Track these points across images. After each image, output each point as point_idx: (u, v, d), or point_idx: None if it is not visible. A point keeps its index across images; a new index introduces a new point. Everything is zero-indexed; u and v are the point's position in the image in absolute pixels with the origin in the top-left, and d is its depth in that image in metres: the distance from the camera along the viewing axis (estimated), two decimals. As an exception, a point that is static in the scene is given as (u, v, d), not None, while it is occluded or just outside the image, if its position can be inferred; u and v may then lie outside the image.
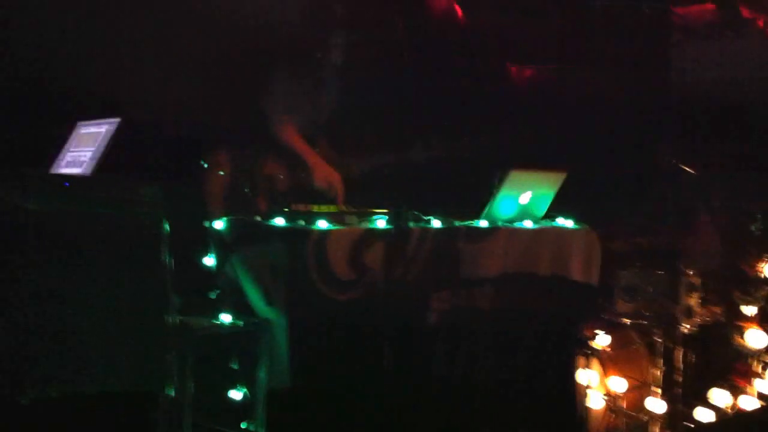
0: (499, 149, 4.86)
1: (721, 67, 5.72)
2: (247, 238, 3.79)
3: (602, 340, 4.75)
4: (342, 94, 4.54)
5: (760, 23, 6.04)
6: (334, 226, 3.77)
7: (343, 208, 4.00)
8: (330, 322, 3.62)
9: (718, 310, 5.05)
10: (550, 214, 4.50)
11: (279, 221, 3.81)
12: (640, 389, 4.83)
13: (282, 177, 4.40)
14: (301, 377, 3.63)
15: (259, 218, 3.87)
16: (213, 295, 3.83)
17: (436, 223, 4.07)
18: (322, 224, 3.74)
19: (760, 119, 5.55)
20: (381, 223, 3.90)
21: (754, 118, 5.54)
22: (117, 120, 3.37)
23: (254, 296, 3.76)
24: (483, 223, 4.20)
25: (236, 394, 3.73)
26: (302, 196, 4.17)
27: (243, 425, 3.70)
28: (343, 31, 4.51)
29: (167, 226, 3.10)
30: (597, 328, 4.70)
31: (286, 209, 3.87)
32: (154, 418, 3.25)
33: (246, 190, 4.25)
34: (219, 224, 3.83)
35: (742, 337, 5.07)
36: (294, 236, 3.68)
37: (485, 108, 5.10)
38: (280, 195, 4.11)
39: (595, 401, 4.68)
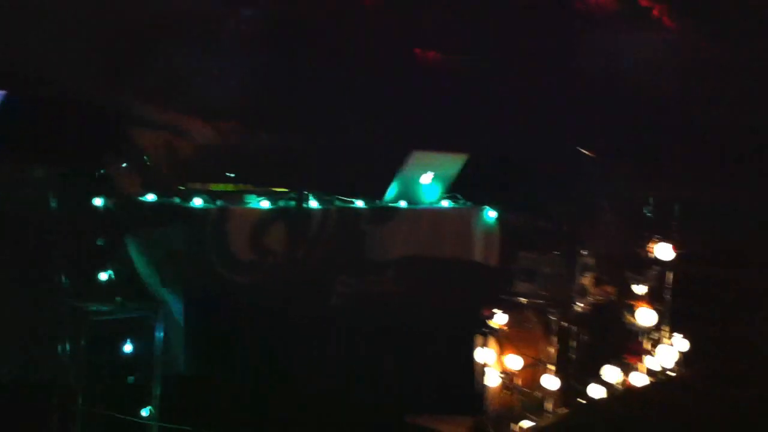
0: (402, 130, 4.83)
1: (619, 55, 5.84)
2: (141, 217, 3.64)
3: (500, 320, 4.81)
4: (239, 70, 4.38)
5: (656, 12, 6.20)
6: (234, 205, 3.66)
7: (243, 186, 3.88)
8: (228, 306, 3.53)
9: (610, 289, 5.19)
10: (452, 196, 4.52)
11: (175, 200, 3.67)
12: (535, 367, 4.92)
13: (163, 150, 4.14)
14: (199, 362, 3.53)
15: (155, 197, 3.72)
16: (106, 278, 3.66)
17: (338, 204, 4.02)
18: (221, 203, 3.63)
19: (654, 106, 5.71)
20: (282, 203, 3.81)
21: (648, 105, 5.69)
22: (1, 93, 3.16)
23: (149, 278, 3.63)
24: (386, 204, 4.17)
25: (131, 379, 3.59)
26: (198, 173, 4.00)
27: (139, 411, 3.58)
28: (241, 6, 4.35)
29: (56, 207, 2.93)
30: (495, 308, 4.75)
31: (182, 187, 3.74)
32: (46, 407, 3.11)
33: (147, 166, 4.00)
34: (111, 204, 3.67)
35: (633, 316, 5.23)
36: (191, 216, 3.55)
37: (388, 89, 5.06)
38: (174, 172, 3.91)
39: (492, 379, 4.75)
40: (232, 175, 4.06)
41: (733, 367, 5.29)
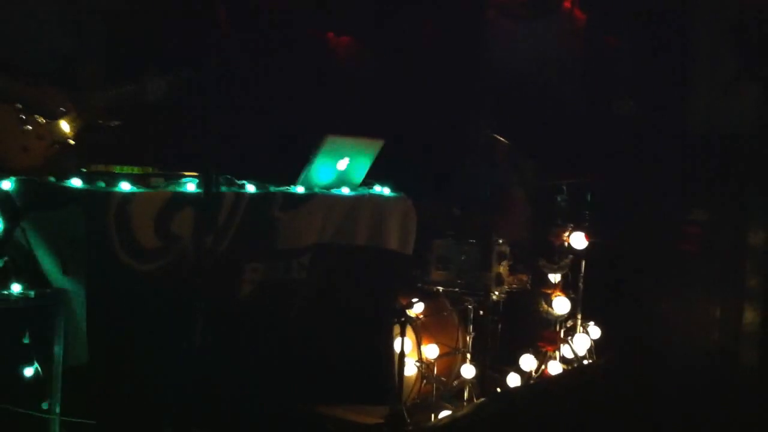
0: (317, 114, 4.75)
1: (531, 45, 5.89)
2: (39, 200, 3.44)
3: (416, 308, 4.78)
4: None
5: (567, 4, 6.28)
6: (138, 188, 3.50)
7: (149, 169, 3.72)
8: (132, 294, 3.38)
9: (525, 278, 5.23)
10: (368, 182, 4.45)
11: (75, 182, 3.48)
12: (452, 356, 4.91)
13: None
14: (101, 353, 3.36)
15: (53, 179, 3.52)
16: (1, 264, 3.46)
17: (250, 189, 3.90)
18: (125, 186, 3.47)
19: (566, 95, 5.78)
20: (190, 186, 3.67)
21: (560, 94, 5.76)
22: None
23: (48, 265, 3.43)
24: (300, 190, 4.07)
25: (29, 372, 3.40)
26: (101, 154, 3.78)
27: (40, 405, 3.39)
28: None
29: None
30: (412, 297, 4.72)
31: (84, 169, 3.56)
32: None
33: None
34: (6, 185, 3.46)
35: (547, 304, 5.28)
36: (93, 199, 3.37)
37: (302, 72, 4.96)
38: (73, 153, 3.68)
39: (409, 368, 4.71)
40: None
41: (644, 354, 5.40)
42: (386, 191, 4.50)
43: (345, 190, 4.27)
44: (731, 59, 5.62)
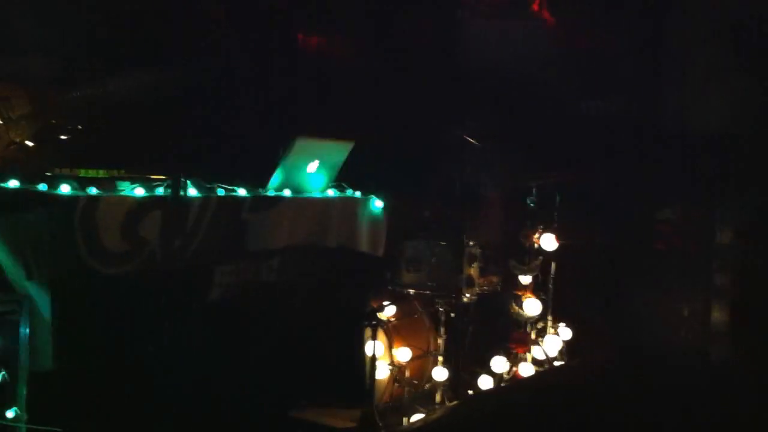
0: (286, 116, 4.72)
1: (502, 45, 5.90)
2: (1, 205, 3.38)
3: (388, 311, 4.76)
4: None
5: (535, 6, 6.31)
6: (105, 192, 3.46)
7: (115, 172, 3.67)
8: (99, 298, 3.33)
9: (496, 279, 5.23)
10: (338, 184, 4.44)
11: (41, 186, 3.43)
12: (424, 358, 4.90)
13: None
14: (67, 358, 3.31)
15: (18, 183, 3.46)
16: (-37, 269, 3.39)
17: (219, 192, 3.86)
18: (91, 190, 3.42)
19: (536, 96, 5.79)
20: (158, 190, 3.62)
21: (530, 94, 5.77)
22: None
23: (12, 270, 3.37)
24: (269, 192, 4.05)
25: (-6, 379, 3.35)
26: (66, 158, 3.72)
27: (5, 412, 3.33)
28: None
29: None
30: (383, 299, 4.70)
31: (49, 173, 3.50)
32: None
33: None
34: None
35: (518, 306, 5.28)
36: (58, 203, 3.32)
37: (272, 73, 4.93)
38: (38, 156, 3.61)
39: (381, 371, 4.69)
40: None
41: (615, 354, 5.42)
42: (357, 193, 4.49)
43: (315, 193, 4.25)
44: (706, 60, 5.68)
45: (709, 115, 5.65)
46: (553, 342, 5.38)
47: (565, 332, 5.46)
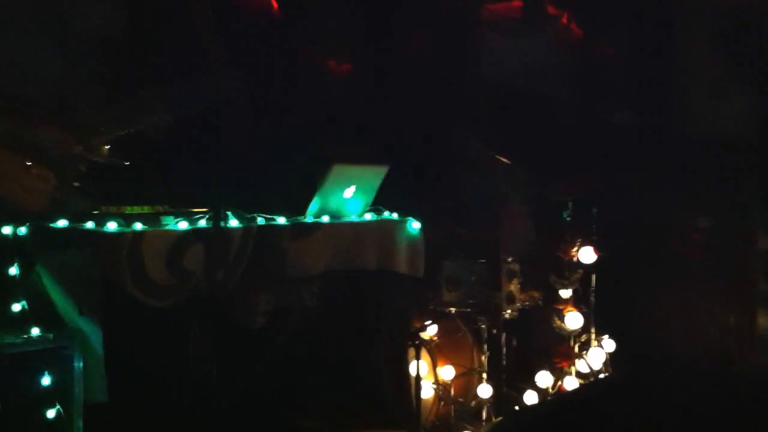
0: (322, 144, 4.80)
1: (525, 61, 5.93)
2: (52, 244, 3.51)
3: (430, 330, 4.80)
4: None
5: (564, 20, 6.33)
6: (150, 227, 3.56)
7: (159, 207, 3.78)
8: (148, 331, 3.42)
9: (537, 294, 5.24)
10: (375, 208, 4.50)
11: (88, 224, 3.55)
12: (468, 376, 4.92)
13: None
14: (120, 391, 3.40)
15: (66, 222, 3.59)
16: (19, 309, 3.52)
17: (259, 221, 3.95)
18: (136, 226, 3.53)
19: (563, 111, 5.82)
20: (200, 223, 3.72)
21: (555, 106, 5.80)
22: None
23: (64, 307, 3.49)
24: (308, 220, 4.13)
25: (50, 413, 3.44)
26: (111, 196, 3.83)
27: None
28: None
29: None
30: (425, 319, 4.74)
31: (96, 211, 3.62)
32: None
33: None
34: (21, 230, 3.53)
35: (560, 320, 5.29)
36: (105, 240, 3.44)
37: (306, 102, 5.02)
38: (84, 195, 3.72)
39: (426, 391, 4.73)
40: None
41: (659, 365, 5.38)
42: (394, 215, 4.55)
43: (353, 218, 4.32)
44: (726, 65, 5.66)
45: (737, 121, 5.62)
46: (597, 354, 5.37)
47: (609, 344, 5.45)
